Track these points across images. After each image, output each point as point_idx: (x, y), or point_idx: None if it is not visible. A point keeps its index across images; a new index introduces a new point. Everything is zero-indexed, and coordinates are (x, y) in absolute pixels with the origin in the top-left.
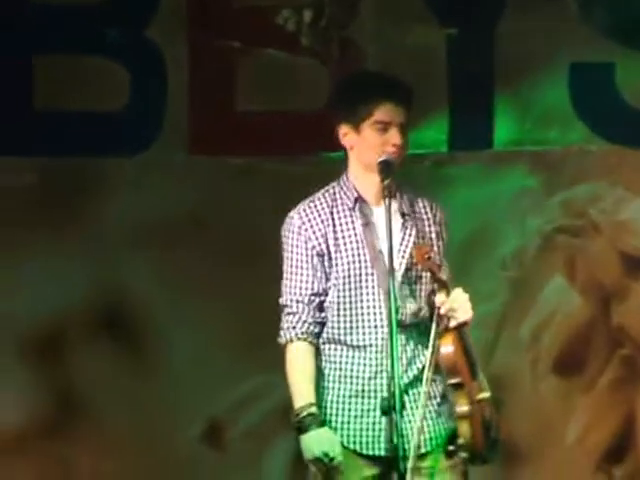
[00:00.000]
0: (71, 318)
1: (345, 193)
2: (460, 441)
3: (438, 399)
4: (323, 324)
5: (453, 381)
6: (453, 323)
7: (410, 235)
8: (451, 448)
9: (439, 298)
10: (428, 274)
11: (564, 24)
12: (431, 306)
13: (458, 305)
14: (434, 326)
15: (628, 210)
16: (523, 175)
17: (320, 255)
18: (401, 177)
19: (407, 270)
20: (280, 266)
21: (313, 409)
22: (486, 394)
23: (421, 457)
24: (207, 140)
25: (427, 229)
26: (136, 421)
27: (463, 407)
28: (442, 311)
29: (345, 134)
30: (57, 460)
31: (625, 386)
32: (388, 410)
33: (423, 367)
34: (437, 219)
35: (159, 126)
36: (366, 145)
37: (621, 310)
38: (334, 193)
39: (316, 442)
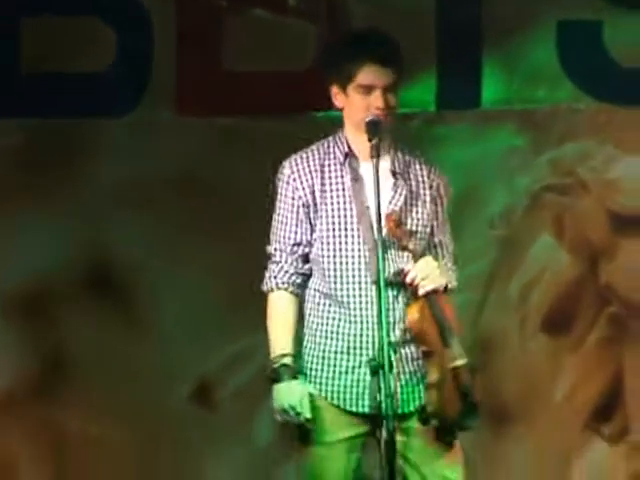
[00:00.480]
0: (59, 278)
1: (338, 147)
2: (429, 409)
3: (420, 361)
4: (307, 276)
5: (422, 349)
6: (421, 291)
7: (401, 195)
8: (423, 416)
9: (408, 267)
10: (412, 237)
11: None
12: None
13: (425, 274)
14: (401, 294)
15: (617, 168)
16: (511, 134)
17: (306, 206)
18: (392, 137)
19: (396, 226)
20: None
21: (287, 360)
22: (460, 361)
23: (403, 417)
24: (194, 100)
25: (421, 192)
26: (125, 382)
27: (432, 375)
28: (407, 279)
29: (336, 95)
30: (45, 421)
31: (613, 344)
32: (376, 369)
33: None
34: (434, 183)
35: (146, 86)
36: (352, 107)
37: (609, 268)
38: (328, 147)
39: (285, 394)
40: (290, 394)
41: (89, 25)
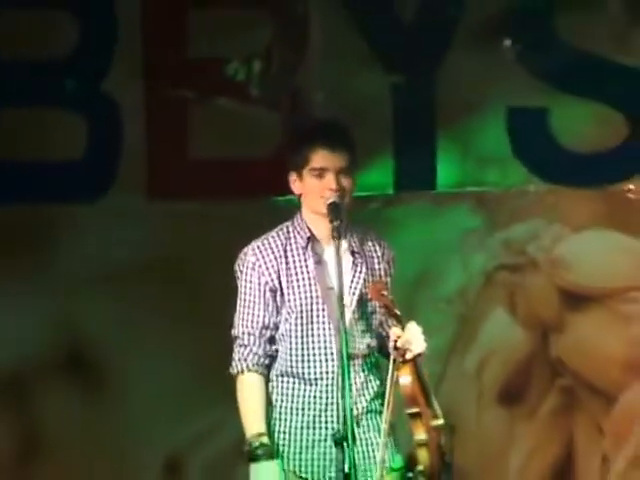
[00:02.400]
0: (31, 360)
1: (299, 232)
2: (419, 468)
3: (377, 432)
4: (274, 357)
5: (412, 410)
6: (409, 355)
7: (360, 272)
8: (410, 475)
9: (395, 332)
10: (379, 309)
11: (501, 69)
12: (382, 339)
13: (413, 338)
14: (392, 359)
15: (565, 246)
16: (466, 215)
17: (272, 290)
18: (348, 218)
19: (358, 306)
20: (235, 304)
21: (264, 439)
22: (440, 421)
23: None
24: (163, 185)
25: (377, 266)
26: (97, 459)
27: (421, 435)
28: (399, 344)
29: (293, 181)
30: None
31: (564, 414)
32: (340, 441)
33: (371, 399)
34: (385, 257)
35: (116, 173)
36: (308, 191)
37: (559, 342)
38: (288, 232)
39: (263, 474)
40: (267, 474)
41: (60, 116)
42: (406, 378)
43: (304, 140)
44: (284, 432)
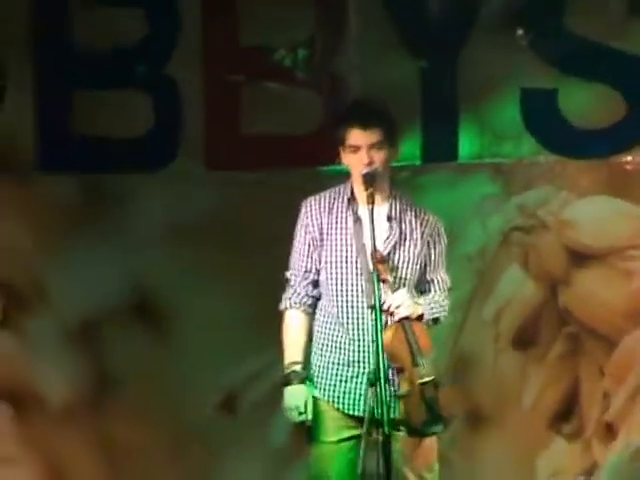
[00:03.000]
0: (107, 308)
1: (345, 192)
2: (397, 418)
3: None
4: (317, 298)
5: (394, 365)
6: (395, 318)
7: (393, 237)
8: (393, 423)
9: (385, 297)
10: (414, 269)
11: (515, 55)
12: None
13: (399, 303)
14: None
15: (571, 210)
16: (484, 183)
17: (314, 240)
18: (391, 187)
19: (382, 262)
20: (285, 257)
21: (297, 367)
22: (427, 378)
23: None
24: (219, 157)
25: (412, 235)
26: (163, 394)
27: (401, 389)
28: (384, 307)
29: (341, 154)
30: (96, 429)
31: (570, 357)
32: (373, 381)
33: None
34: (426, 229)
35: (179, 146)
36: (348, 163)
37: (566, 294)
38: (338, 192)
39: (292, 396)
40: (296, 396)
41: (131, 96)
42: (387, 338)
43: (341, 121)
44: (321, 366)
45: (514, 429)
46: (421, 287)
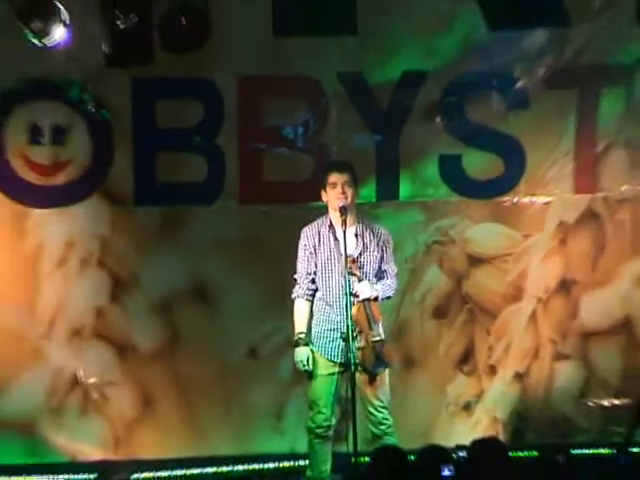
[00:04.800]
0: (177, 289)
1: (325, 221)
2: (357, 362)
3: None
4: (315, 291)
5: (358, 329)
6: (360, 299)
7: (360, 246)
8: (355, 365)
9: (355, 285)
10: (372, 265)
11: (436, 133)
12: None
13: (362, 290)
14: (350, 300)
15: (470, 231)
16: (415, 214)
17: (311, 253)
18: (358, 215)
19: (353, 264)
20: (292, 262)
21: (302, 335)
22: (377, 338)
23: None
24: (248, 196)
25: (371, 245)
26: (212, 345)
27: (360, 343)
28: (353, 292)
29: (323, 194)
30: (170, 368)
31: (469, 324)
32: (346, 339)
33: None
34: (380, 239)
35: (222, 189)
36: (329, 198)
37: (466, 284)
38: (322, 221)
39: (299, 354)
40: (301, 354)
41: (193, 157)
42: (354, 311)
43: (325, 169)
44: (316, 332)
45: (433, 370)
46: (379, 275)
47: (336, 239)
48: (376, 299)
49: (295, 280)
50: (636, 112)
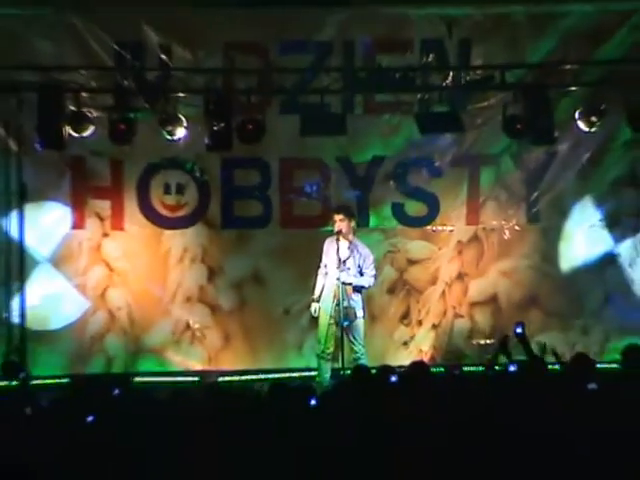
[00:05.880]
0: (245, 276)
1: (334, 237)
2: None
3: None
4: (327, 273)
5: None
6: (341, 281)
7: (350, 252)
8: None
9: (341, 274)
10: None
11: (389, 190)
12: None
13: (344, 278)
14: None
15: (408, 245)
16: (378, 235)
17: (324, 254)
18: (351, 237)
19: (347, 265)
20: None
21: (314, 297)
22: (349, 305)
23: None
24: (285, 223)
25: (357, 256)
26: (264, 307)
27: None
28: (343, 280)
29: (332, 223)
30: (239, 318)
31: (406, 297)
32: (338, 304)
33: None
34: (362, 252)
35: (270, 219)
36: (333, 226)
37: (406, 275)
38: (332, 236)
39: (313, 307)
40: (315, 307)
41: (255, 203)
42: (342, 290)
43: (332, 210)
44: (322, 296)
45: (386, 323)
46: (362, 273)
47: (338, 248)
48: (350, 284)
49: (318, 267)
50: (501, 181)
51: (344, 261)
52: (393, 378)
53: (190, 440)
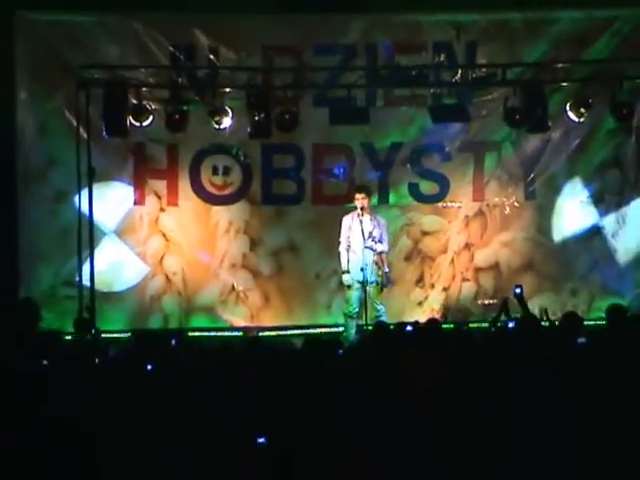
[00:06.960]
0: (281, 245)
1: (354, 213)
2: (368, 280)
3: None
4: (349, 246)
5: (376, 267)
6: (377, 251)
7: (373, 225)
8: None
9: (376, 245)
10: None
11: (406, 172)
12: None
13: (381, 248)
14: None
15: (422, 220)
16: (396, 211)
17: (347, 229)
18: (371, 211)
19: (370, 235)
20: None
21: (345, 269)
22: (387, 269)
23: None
24: (316, 200)
25: (378, 226)
26: (299, 274)
27: (374, 274)
28: (374, 248)
29: (355, 200)
30: (276, 281)
31: (421, 264)
32: (363, 269)
33: (374, 263)
34: (380, 223)
35: (303, 197)
36: (356, 203)
37: (421, 245)
38: (355, 212)
39: (344, 279)
40: (346, 278)
41: (290, 183)
42: (376, 257)
43: (355, 189)
44: (351, 268)
45: (404, 286)
46: (381, 240)
47: (360, 222)
48: (383, 252)
49: (340, 243)
50: (502, 163)
51: (371, 232)
52: (409, 327)
53: (234, 385)
